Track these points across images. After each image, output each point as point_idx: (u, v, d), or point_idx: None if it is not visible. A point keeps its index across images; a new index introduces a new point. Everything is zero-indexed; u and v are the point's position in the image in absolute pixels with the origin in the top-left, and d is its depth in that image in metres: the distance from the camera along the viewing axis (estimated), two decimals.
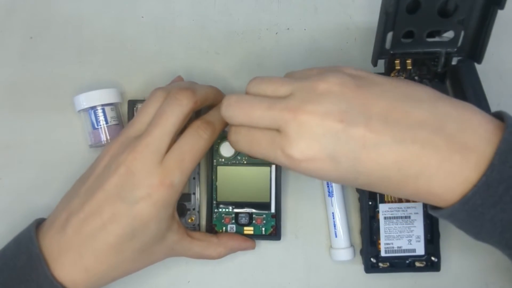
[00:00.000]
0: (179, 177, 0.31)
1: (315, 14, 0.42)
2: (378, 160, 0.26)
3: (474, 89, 0.39)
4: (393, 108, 0.26)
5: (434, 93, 0.28)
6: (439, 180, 0.26)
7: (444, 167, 0.25)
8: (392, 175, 0.26)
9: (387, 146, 0.25)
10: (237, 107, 0.29)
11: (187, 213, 0.38)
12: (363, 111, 0.26)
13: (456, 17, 0.30)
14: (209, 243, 0.36)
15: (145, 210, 0.30)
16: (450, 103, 0.27)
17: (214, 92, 0.35)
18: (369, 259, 0.37)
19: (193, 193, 0.39)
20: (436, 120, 0.26)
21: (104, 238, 0.30)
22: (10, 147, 0.40)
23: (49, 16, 0.42)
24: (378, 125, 0.26)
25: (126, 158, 0.30)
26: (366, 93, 0.27)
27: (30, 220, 0.33)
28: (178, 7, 0.42)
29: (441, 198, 0.26)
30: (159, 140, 0.30)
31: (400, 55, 0.33)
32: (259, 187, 0.38)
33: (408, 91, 0.28)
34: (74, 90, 0.40)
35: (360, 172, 0.27)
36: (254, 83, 0.30)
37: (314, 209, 0.40)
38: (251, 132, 0.29)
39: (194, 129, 0.32)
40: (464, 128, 0.26)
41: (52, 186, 0.39)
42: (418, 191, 0.27)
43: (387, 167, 0.26)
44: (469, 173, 0.25)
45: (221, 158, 0.38)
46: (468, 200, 0.25)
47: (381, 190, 0.28)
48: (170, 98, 0.32)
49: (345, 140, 0.26)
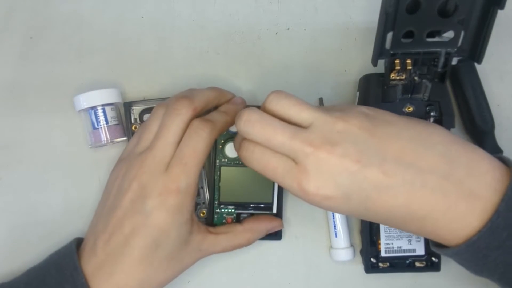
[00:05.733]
0: (185, 181, 0.31)
1: (315, 14, 0.42)
2: (388, 200, 0.27)
3: (474, 89, 0.39)
4: (406, 150, 0.27)
5: (446, 134, 0.29)
6: (444, 223, 0.27)
7: (451, 212, 0.26)
8: (400, 215, 0.27)
9: (398, 189, 0.27)
10: (259, 127, 0.29)
11: (197, 207, 0.38)
12: (378, 152, 0.27)
13: (456, 17, 0.30)
14: (235, 233, 0.36)
15: (161, 218, 0.30)
16: (461, 147, 0.28)
17: (215, 94, 0.36)
18: (369, 259, 0.37)
19: (201, 187, 0.39)
20: (446, 165, 0.27)
21: (129, 253, 0.30)
22: (10, 147, 0.40)
23: (49, 16, 0.42)
24: (391, 167, 0.27)
25: (136, 173, 0.31)
26: (382, 134, 0.28)
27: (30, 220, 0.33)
28: (178, 7, 0.42)
29: (445, 239, 0.28)
30: (162, 151, 0.31)
31: (400, 55, 0.33)
32: (262, 187, 0.38)
33: (422, 132, 0.28)
34: (74, 90, 0.40)
35: (369, 209, 0.27)
36: (275, 98, 0.30)
37: (314, 209, 0.40)
38: (266, 155, 0.29)
39: (193, 129, 0.32)
40: (472, 174, 0.27)
41: (52, 186, 0.39)
42: (423, 230, 0.28)
43: (397, 207, 0.27)
44: (475, 219, 0.26)
45: (225, 158, 0.38)
46: (473, 243, 0.26)
47: (388, 225, 0.30)
48: (169, 109, 0.32)
49: (359, 180, 0.27)
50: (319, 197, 0.27)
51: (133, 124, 0.39)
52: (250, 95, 0.41)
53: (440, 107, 0.36)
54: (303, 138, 0.27)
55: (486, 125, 0.38)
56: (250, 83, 0.41)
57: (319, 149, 0.27)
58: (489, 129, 0.38)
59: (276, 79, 0.41)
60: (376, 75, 0.37)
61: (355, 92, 0.40)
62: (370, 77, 0.37)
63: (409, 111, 0.36)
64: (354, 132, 0.27)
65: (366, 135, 0.27)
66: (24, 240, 0.38)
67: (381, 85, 0.36)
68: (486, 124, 0.38)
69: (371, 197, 0.27)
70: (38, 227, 0.39)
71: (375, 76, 0.37)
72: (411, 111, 0.36)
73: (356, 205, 0.27)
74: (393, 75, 0.35)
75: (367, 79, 0.37)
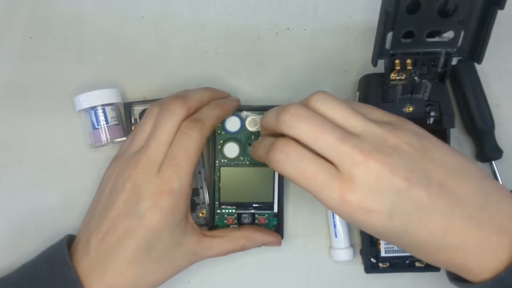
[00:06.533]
0: (178, 182, 0.31)
1: (315, 14, 0.42)
2: (428, 224, 0.26)
3: (474, 89, 0.39)
4: (449, 178, 0.27)
5: (481, 170, 0.29)
6: (474, 255, 0.27)
7: (483, 244, 0.26)
8: (434, 241, 0.27)
9: (439, 214, 0.26)
10: (307, 122, 0.27)
11: (197, 207, 0.38)
12: (426, 174, 0.26)
13: (456, 17, 0.30)
14: (231, 238, 0.35)
15: (154, 220, 0.30)
16: (492, 183, 0.28)
17: (208, 94, 0.36)
18: (369, 259, 0.37)
19: (200, 187, 0.39)
20: (482, 198, 0.27)
21: (121, 253, 0.30)
22: (10, 147, 0.40)
23: (49, 16, 0.42)
24: (436, 191, 0.26)
25: (131, 174, 0.31)
26: (430, 157, 0.27)
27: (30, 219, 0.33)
28: (178, 7, 0.42)
29: (472, 272, 0.27)
30: (156, 151, 0.31)
31: (400, 55, 0.33)
32: (262, 187, 0.38)
33: (462, 164, 0.28)
34: (74, 90, 0.40)
35: (407, 232, 0.27)
36: (321, 98, 0.28)
37: (314, 209, 0.40)
38: (305, 160, 0.27)
39: (182, 130, 0.32)
40: (502, 210, 0.27)
41: (52, 186, 0.39)
42: (452, 261, 0.27)
43: (434, 233, 0.26)
44: (503, 254, 0.26)
45: (224, 159, 0.38)
46: (500, 279, 0.26)
47: (416, 253, 0.29)
48: (162, 109, 0.32)
49: (405, 198, 0.26)
50: (361, 211, 0.26)
51: (133, 124, 0.39)
52: (250, 95, 0.41)
53: (440, 107, 0.36)
54: (353, 144, 0.26)
55: (486, 125, 0.38)
56: (250, 83, 0.41)
57: (370, 157, 0.26)
58: (489, 129, 0.38)
59: (276, 79, 0.41)
60: (376, 75, 0.37)
61: (355, 92, 0.40)
62: (370, 77, 0.37)
63: (409, 111, 0.36)
64: (405, 149, 0.27)
65: (417, 155, 0.27)
66: (24, 240, 0.38)
67: (381, 85, 0.36)
68: (486, 124, 0.38)
69: (413, 219, 0.26)
70: (38, 227, 0.39)
71: (375, 76, 0.37)
72: (411, 111, 0.36)
73: (395, 226, 0.26)
74: (393, 75, 0.35)
75: (367, 79, 0.37)
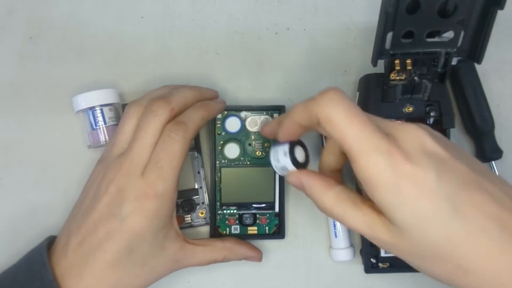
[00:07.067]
0: (162, 185, 0.31)
1: (315, 14, 0.42)
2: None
3: (474, 89, 0.39)
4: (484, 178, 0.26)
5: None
6: (489, 272, 0.25)
7: (501, 260, 0.25)
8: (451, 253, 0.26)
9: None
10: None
11: (197, 207, 0.38)
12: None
13: (456, 17, 0.30)
14: (213, 248, 0.35)
15: (137, 223, 0.30)
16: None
17: (194, 93, 0.35)
18: (369, 259, 0.37)
19: (200, 187, 0.38)
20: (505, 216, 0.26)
21: (101, 256, 0.30)
22: (10, 147, 0.40)
23: (49, 16, 0.42)
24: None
25: (114, 177, 0.31)
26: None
27: (29, 219, 0.33)
28: (178, 7, 0.42)
29: None
30: (140, 154, 0.31)
31: (400, 55, 0.33)
32: (263, 187, 0.38)
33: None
34: (73, 90, 0.40)
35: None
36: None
37: (314, 209, 0.39)
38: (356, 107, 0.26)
39: (166, 133, 0.31)
40: None
41: (52, 186, 0.39)
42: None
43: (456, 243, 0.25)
44: None
45: (225, 159, 0.38)
46: None
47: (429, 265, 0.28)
48: (146, 111, 0.32)
49: None
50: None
51: None
52: (250, 95, 0.41)
53: (440, 107, 0.36)
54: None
55: (486, 125, 0.38)
56: (250, 83, 0.41)
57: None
58: (489, 129, 0.38)
59: (276, 79, 0.41)
60: (376, 75, 0.37)
61: (355, 92, 0.40)
62: (370, 77, 0.37)
63: (409, 111, 0.36)
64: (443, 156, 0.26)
65: (447, 157, 0.26)
66: (23, 240, 0.38)
67: (381, 85, 0.36)
68: (486, 124, 0.38)
69: None
70: (38, 227, 0.39)
71: (375, 76, 0.37)
72: (411, 111, 0.36)
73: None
74: (393, 75, 0.35)
75: (367, 79, 0.37)
